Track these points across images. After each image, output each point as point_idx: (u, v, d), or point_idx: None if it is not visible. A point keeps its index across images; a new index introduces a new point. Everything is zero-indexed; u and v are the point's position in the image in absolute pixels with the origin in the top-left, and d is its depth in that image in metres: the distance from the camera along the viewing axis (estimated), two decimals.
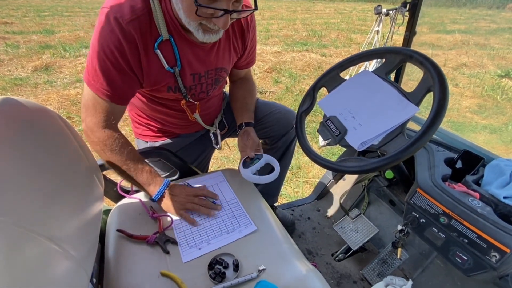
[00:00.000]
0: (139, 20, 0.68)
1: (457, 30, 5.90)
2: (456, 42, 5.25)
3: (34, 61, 4.16)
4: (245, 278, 0.65)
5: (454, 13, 7.66)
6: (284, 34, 6.72)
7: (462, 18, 7.39)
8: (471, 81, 3.65)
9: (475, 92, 3.42)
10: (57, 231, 0.50)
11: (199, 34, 0.70)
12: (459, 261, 0.72)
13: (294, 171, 2.05)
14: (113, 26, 0.66)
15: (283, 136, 1.08)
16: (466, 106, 3.10)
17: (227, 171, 1.01)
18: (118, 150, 0.78)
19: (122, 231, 0.76)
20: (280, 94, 3.39)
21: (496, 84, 3.51)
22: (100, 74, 0.70)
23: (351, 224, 1.18)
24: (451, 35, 5.56)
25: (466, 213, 0.70)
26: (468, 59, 4.36)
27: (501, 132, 2.67)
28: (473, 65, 4.22)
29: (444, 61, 4.28)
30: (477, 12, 7.40)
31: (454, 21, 7.12)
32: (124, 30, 0.66)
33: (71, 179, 0.62)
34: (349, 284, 1.08)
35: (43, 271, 0.43)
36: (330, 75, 0.78)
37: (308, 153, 0.72)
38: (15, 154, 0.49)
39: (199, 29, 0.69)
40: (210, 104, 1.00)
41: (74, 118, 2.72)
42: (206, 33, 0.70)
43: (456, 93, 3.41)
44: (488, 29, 6.01)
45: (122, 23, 0.66)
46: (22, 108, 0.54)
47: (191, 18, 0.66)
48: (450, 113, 2.96)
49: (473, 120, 2.89)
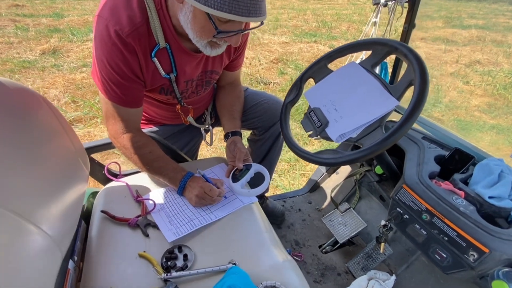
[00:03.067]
0: (138, 31, 0.69)
1: (474, 25, 5.68)
2: (472, 38, 5.06)
3: (43, 45, 4.20)
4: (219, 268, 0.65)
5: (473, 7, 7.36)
6: (293, 25, 6.60)
7: (481, 13, 7.10)
8: (483, 79, 3.54)
9: (486, 91, 3.31)
10: (32, 209, 0.51)
11: (206, 49, 0.72)
12: (438, 259, 0.72)
13: (292, 163, 2.05)
14: (114, 40, 0.67)
15: (271, 127, 1.07)
16: (475, 104, 3.01)
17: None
18: (140, 153, 0.82)
19: (106, 212, 0.78)
20: (284, 85, 3.35)
21: (509, 83, 3.39)
22: (112, 85, 0.74)
23: (340, 218, 1.18)
24: (467, 30, 5.35)
25: (448, 211, 0.70)
26: (483, 56, 4.21)
27: (509, 132, 2.60)
28: (487, 62, 4.07)
29: (457, 57, 4.14)
30: (497, 7, 7.09)
31: (472, 16, 6.85)
32: (126, 42, 0.68)
33: (53, 161, 0.63)
34: (333, 276, 1.09)
35: (13, 248, 0.44)
36: (317, 65, 0.77)
37: (288, 143, 0.71)
38: None
39: (207, 46, 0.71)
40: (200, 99, 1.00)
41: (79, 102, 2.75)
42: (214, 48, 0.73)
43: (466, 91, 3.31)
44: (507, 26, 5.77)
45: (122, 35, 0.67)
46: (3, 87, 0.55)
47: (203, 38, 0.68)
48: (457, 111, 2.88)
49: (481, 119, 2.81)
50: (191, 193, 0.81)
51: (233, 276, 0.57)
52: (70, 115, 2.48)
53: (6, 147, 0.50)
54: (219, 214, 0.80)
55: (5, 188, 0.47)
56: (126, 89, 0.75)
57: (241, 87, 1.07)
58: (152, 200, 0.81)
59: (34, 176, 0.55)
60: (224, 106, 1.02)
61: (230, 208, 0.82)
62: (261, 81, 3.44)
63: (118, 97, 0.75)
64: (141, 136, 0.84)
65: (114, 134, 0.82)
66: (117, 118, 0.79)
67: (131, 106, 0.79)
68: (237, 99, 1.02)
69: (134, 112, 0.81)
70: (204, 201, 0.80)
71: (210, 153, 2.11)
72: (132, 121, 0.82)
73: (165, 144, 1.00)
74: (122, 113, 0.79)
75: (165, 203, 0.83)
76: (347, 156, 0.58)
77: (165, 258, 0.68)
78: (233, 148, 0.92)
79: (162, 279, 0.63)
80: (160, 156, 0.84)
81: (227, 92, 1.03)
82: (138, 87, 0.78)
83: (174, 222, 0.77)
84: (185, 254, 0.69)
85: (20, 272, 0.44)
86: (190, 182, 0.82)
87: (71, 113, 2.53)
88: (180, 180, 0.83)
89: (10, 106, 0.55)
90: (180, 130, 1.06)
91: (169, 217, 0.79)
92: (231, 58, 0.92)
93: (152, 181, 0.91)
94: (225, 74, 0.99)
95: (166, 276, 0.63)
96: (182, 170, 0.85)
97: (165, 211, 0.81)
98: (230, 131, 0.96)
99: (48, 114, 0.65)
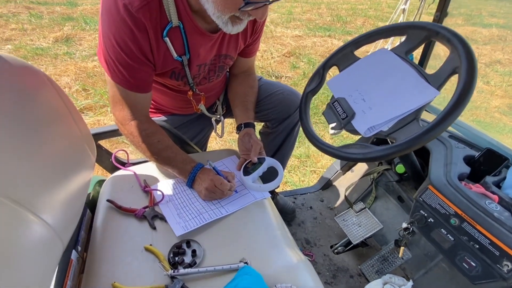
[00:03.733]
0: (149, 5, 0.63)
1: (495, 24, 5.45)
2: (492, 37, 4.86)
3: (56, 32, 4.22)
4: (230, 267, 0.61)
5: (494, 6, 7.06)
6: (307, 18, 6.46)
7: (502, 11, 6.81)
8: (504, 79, 3.39)
9: (507, 92, 3.17)
10: (32, 197, 0.47)
11: (228, 26, 0.66)
12: (466, 267, 0.67)
13: (302, 160, 1.99)
14: (123, 15, 0.62)
15: (285, 120, 1.01)
16: (496, 105, 2.89)
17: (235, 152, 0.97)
18: (148, 141, 0.77)
19: (112, 201, 0.75)
20: (296, 79, 3.28)
21: None
22: (119, 66, 0.69)
23: (354, 218, 1.12)
24: (488, 29, 5.14)
25: (481, 217, 0.64)
26: (503, 56, 4.04)
27: None
28: (508, 62, 3.91)
29: (477, 56, 3.98)
30: None
31: (493, 14, 6.58)
32: (135, 18, 0.63)
33: (56, 145, 0.59)
34: (345, 278, 1.04)
35: (9, 237, 0.40)
36: (343, 52, 0.71)
37: (309, 136, 0.66)
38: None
39: (228, 22, 0.66)
40: (212, 87, 0.95)
41: (89, 90, 2.75)
42: (235, 24, 0.67)
43: (486, 91, 3.18)
44: None
45: (132, 10, 0.62)
46: (5, 64, 0.51)
47: (226, 12, 0.62)
48: (476, 112, 2.77)
49: (501, 121, 2.69)
50: (201, 186, 0.76)
51: (246, 277, 0.53)
52: (81, 103, 2.48)
53: (5, 128, 0.46)
54: (230, 208, 0.75)
55: (3, 173, 0.43)
56: (134, 71, 0.70)
57: (255, 76, 1.01)
58: (160, 191, 0.77)
59: (34, 160, 0.51)
60: (237, 96, 0.96)
61: (241, 203, 0.77)
62: (272, 74, 3.37)
63: (126, 80, 0.70)
64: (150, 124, 0.80)
65: (121, 121, 0.77)
66: (125, 103, 0.74)
67: (139, 91, 0.74)
68: (251, 89, 0.97)
69: (142, 98, 0.76)
70: (214, 194, 0.76)
71: (219, 146, 2.07)
72: (140, 108, 0.77)
73: (175, 133, 0.96)
74: (130, 98, 0.74)
75: (174, 195, 0.79)
76: (378, 151, 0.52)
77: (172, 253, 0.64)
78: (247, 140, 0.87)
79: (168, 275, 0.59)
80: (169, 145, 0.80)
81: (241, 81, 0.98)
82: (147, 70, 0.73)
83: (182, 215, 0.73)
84: (194, 249, 0.65)
85: (16, 263, 0.40)
86: (200, 174, 0.78)
87: (81, 101, 2.53)
88: (190, 172, 0.78)
89: (11, 83, 0.51)
90: (190, 120, 1.02)
91: (177, 210, 0.75)
92: (247, 42, 0.86)
93: (160, 171, 0.87)
94: (239, 61, 0.93)
95: (173, 272, 0.59)
96: (191, 161, 0.80)
97: (174, 203, 0.77)
98: (243, 123, 0.90)
99: (53, 95, 0.61)
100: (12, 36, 4.01)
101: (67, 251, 0.63)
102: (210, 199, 0.77)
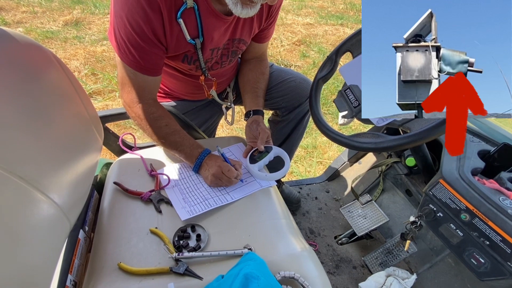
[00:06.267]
0: None
1: None
2: None
3: (65, 16, 4.21)
4: (234, 252, 0.61)
5: None
6: (319, 5, 6.28)
7: None
8: None
9: None
10: (40, 176, 0.48)
11: (237, 8, 0.64)
12: (474, 263, 0.65)
13: (309, 150, 1.97)
14: None
15: (296, 108, 0.99)
16: None
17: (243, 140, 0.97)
18: (155, 125, 0.77)
19: (119, 184, 0.75)
20: (306, 69, 3.22)
21: None
22: (130, 47, 0.67)
23: (360, 210, 1.11)
24: None
25: (494, 213, 0.62)
26: None
27: None
28: None
29: None
30: None
31: None
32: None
33: (64, 125, 0.59)
34: (348, 268, 1.04)
35: (17, 214, 0.41)
36: (357, 37, 0.68)
37: (319, 124, 0.64)
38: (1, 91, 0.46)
39: (238, 4, 0.64)
40: (224, 72, 0.93)
41: (98, 75, 2.76)
42: (245, 7, 0.64)
43: None
44: None
45: None
46: (13, 41, 0.51)
47: None
48: None
49: None
50: (208, 172, 0.76)
51: (250, 263, 0.53)
52: (90, 87, 2.49)
53: (13, 106, 0.46)
54: (235, 195, 0.75)
55: (11, 151, 0.43)
56: (145, 53, 0.69)
57: (267, 62, 0.98)
58: (167, 175, 0.77)
59: (43, 140, 0.51)
60: (247, 82, 0.94)
61: (247, 190, 0.77)
62: (281, 63, 3.32)
63: (136, 61, 0.69)
64: (158, 108, 0.79)
65: (129, 103, 0.77)
66: (133, 86, 0.74)
67: (149, 74, 0.73)
68: (262, 75, 0.94)
69: (151, 81, 0.75)
70: (220, 181, 0.76)
71: (226, 134, 2.07)
72: (148, 91, 0.76)
73: (183, 119, 0.95)
74: (139, 80, 0.73)
75: (180, 180, 0.79)
76: (391, 141, 0.50)
77: (177, 236, 0.65)
78: (255, 127, 0.85)
79: (173, 258, 0.59)
80: (177, 130, 0.79)
81: (252, 66, 0.95)
82: (159, 52, 0.71)
83: (188, 199, 0.73)
84: (199, 234, 0.65)
85: (23, 239, 0.41)
86: (207, 160, 0.78)
87: (90, 85, 2.54)
88: (197, 157, 0.78)
89: (19, 61, 0.51)
90: (199, 107, 1.01)
91: (183, 194, 0.75)
92: (262, 26, 0.84)
93: (167, 156, 0.87)
94: (252, 46, 0.91)
95: (177, 255, 0.59)
96: (199, 146, 0.80)
97: (180, 187, 0.77)
98: (252, 110, 0.89)
99: (61, 75, 0.60)
100: (23, 19, 4.02)
101: (75, 231, 0.64)
102: (215, 186, 0.77)
